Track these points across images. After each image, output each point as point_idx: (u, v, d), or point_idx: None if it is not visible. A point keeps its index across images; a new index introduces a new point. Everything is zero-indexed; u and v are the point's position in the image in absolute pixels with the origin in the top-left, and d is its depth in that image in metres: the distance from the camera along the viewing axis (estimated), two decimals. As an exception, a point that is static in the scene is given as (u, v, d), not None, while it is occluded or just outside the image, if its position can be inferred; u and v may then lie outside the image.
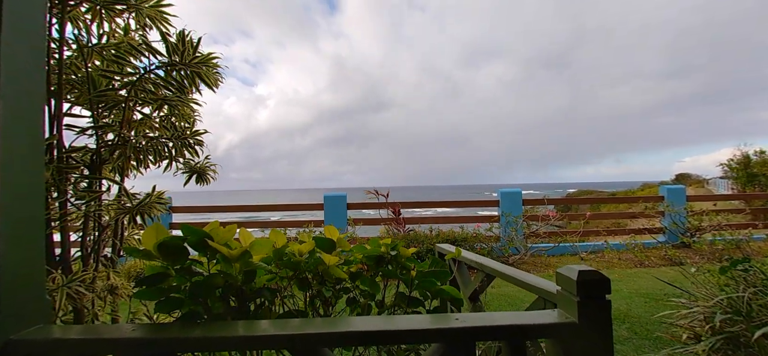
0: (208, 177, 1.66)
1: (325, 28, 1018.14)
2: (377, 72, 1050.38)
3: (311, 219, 6.49)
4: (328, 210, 6.54)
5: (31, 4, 1.02)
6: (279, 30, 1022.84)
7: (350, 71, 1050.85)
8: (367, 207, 7.04)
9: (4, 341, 0.90)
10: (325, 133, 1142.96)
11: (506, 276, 1.58)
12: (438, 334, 0.98)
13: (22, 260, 0.94)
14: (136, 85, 1.40)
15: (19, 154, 0.95)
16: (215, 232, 1.10)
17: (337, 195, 6.66)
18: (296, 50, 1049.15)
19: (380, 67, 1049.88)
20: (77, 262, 1.37)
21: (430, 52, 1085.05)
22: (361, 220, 6.58)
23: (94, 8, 1.48)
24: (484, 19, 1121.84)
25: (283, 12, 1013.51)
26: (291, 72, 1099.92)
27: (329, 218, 6.46)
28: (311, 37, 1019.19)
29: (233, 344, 1.03)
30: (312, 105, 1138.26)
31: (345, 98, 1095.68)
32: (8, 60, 0.93)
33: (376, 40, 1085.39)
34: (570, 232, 6.55)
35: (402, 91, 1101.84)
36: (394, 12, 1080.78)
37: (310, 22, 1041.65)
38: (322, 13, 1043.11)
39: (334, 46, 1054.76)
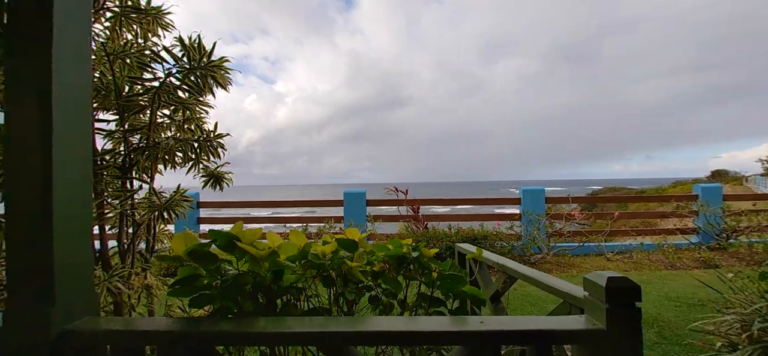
0: (222, 184, 1.73)
1: (341, 25, 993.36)
2: (394, 68, 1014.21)
3: (331, 216, 6.58)
4: (347, 207, 6.61)
5: (77, 19, 1.09)
6: (297, 27, 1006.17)
7: (367, 67, 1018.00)
8: (386, 204, 7.06)
9: (59, 331, 0.98)
10: (342, 130, 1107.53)
11: (529, 278, 1.56)
12: (461, 337, 0.99)
13: (73, 257, 1.02)
14: (160, 90, 1.47)
15: (72, 159, 1.03)
16: (241, 234, 1.15)
17: (357, 191, 6.72)
18: (314, 47, 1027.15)
19: (397, 63, 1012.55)
20: (115, 257, 1.47)
21: (447, 48, 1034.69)
22: (380, 217, 6.61)
23: (116, 17, 1.56)
24: (503, 12, 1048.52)
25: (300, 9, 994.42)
26: (309, 69, 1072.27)
27: (349, 214, 6.53)
28: (328, 34, 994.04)
29: (263, 339, 1.08)
30: (329, 101, 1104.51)
31: (362, 95, 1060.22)
32: (60, 72, 1.00)
33: (393, 36, 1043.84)
34: (595, 232, 6.33)
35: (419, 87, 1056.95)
36: (410, 7, 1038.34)
37: (326, 18, 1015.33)
38: (338, 10, 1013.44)
39: (351, 42, 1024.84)
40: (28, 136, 0.98)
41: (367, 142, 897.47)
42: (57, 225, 0.98)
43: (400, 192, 6.89)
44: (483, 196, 7.57)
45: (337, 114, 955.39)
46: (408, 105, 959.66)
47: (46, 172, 0.97)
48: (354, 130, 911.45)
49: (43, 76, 0.99)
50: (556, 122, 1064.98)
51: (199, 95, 1.53)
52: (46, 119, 0.98)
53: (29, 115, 0.99)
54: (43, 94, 0.98)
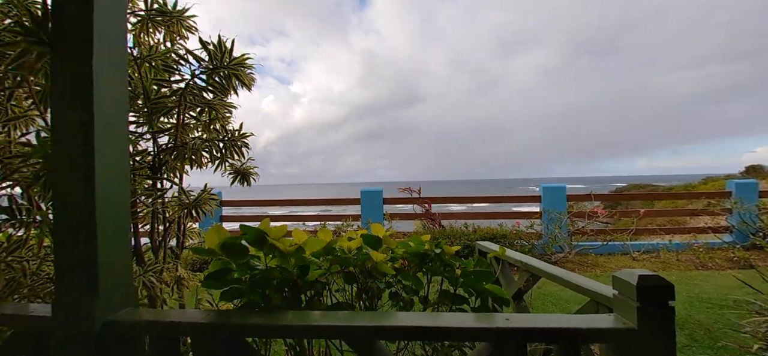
0: (250, 179, 1.79)
1: (355, 24, 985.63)
2: (409, 66, 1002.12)
3: (349, 214, 6.64)
4: (364, 205, 6.66)
5: (114, 27, 1.14)
6: (312, 28, 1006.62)
7: (381, 66, 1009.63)
8: (402, 203, 7.07)
9: (102, 322, 1.04)
10: (357, 129, 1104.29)
11: (553, 276, 1.53)
12: (486, 333, 0.98)
13: (114, 253, 1.08)
14: (185, 91, 1.53)
15: (111, 160, 1.09)
16: (269, 230, 1.19)
17: (374, 190, 6.76)
18: (329, 47, 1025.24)
19: (412, 61, 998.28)
20: (148, 253, 1.55)
21: (463, 44, 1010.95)
22: (397, 215, 6.63)
23: (142, 20, 1.63)
24: (520, 5, 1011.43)
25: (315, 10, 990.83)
26: (324, 69, 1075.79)
27: (366, 213, 6.57)
28: (343, 34, 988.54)
29: (291, 332, 1.12)
30: (344, 101, 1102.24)
31: (376, 93, 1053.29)
32: (99, 77, 1.06)
33: (407, 34, 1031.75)
34: (620, 230, 6.12)
35: (434, 85, 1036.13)
36: (424, 4, 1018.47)
37: (341, 18, 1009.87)
38: (352, 9, 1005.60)
39: (365, 41, 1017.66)
40: (72, 138, 1.04)
41: (382, 141, 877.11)
42: (99, 224, 1.04)
43: (414, 191, 6.89)
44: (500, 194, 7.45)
45: (352, 113, 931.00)
46: (423, 103, 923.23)
47: (88, 173, 1.03)
48: (369, 128, 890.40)
49: (84, 82, 1.05)
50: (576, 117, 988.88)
51: (224, 95, 1.58)
52: (88, 122, 1.04)
53: (73, 118, 1.05)
54: (85, 98, 1.04)
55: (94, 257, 1.03)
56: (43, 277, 1.45)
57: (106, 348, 1.04)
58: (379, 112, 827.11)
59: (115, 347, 1.06)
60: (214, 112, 1.66)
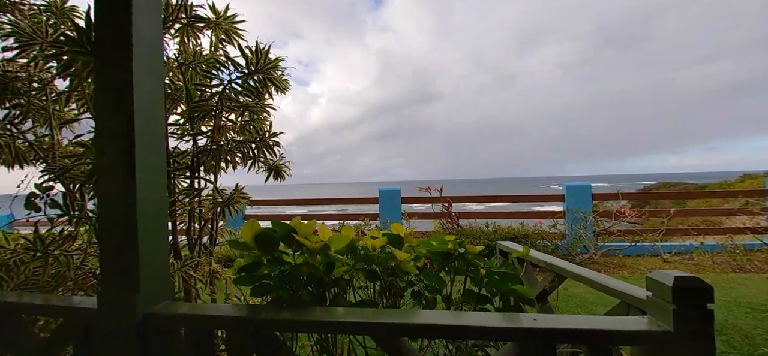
0: (283, 174, 1.85)
1: (370, 24, 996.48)
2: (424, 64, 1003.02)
3: (366, 214, 6.69)
4: (383, 204, 6.69)
5: (152, 35, 1.21)
6: (328, 29, 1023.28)
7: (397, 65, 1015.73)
8: (419, 202, 7.05)
9: (143, 314, 1.11)
10: (373, 128, 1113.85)
11: (581, 277, 1.50)
12: (513, 333, 0.98)
13: (153, 249, 1.14)
14: (223, 94, 1.60)
15: (150, 161, 1.15)
16: (298, 227, 1.22)
17: (392, 189, 6.77)
18: (345, 48, 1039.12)
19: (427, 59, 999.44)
20: (185, 249, 1.63)
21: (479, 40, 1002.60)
22: (415, 214, 6.61)
23: (183, 28, 1.70)
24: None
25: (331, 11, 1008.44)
26: (340, 69, 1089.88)
27: (384, 212, 6.60)
28: (358, 33, 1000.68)
29: (318, 327, 1.15)
30: (361, 100, 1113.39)
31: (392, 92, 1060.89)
32: (139, 83, 1.12)
33: (422, 32, 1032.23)
34: (649, 230, 5.86)
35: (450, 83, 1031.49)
36: (440, 0, 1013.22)
37: (356, 19, 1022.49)
38: (368, 9, 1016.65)
39: (381, 40, 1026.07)
40: (114, 141, 1.11)
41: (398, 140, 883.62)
42: (140, 222, 1.10)
43: (435, 191, 6.85)
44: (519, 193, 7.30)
45: (368, 113, 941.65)
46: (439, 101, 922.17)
47: (130, 174, 1.09)
48: (385, 127, 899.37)
49: (125, 87, 1.11)
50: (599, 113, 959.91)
51: (258, 98, 1.64)
52: (129, 125, 1.10)
53: (115, 121, 1.11)
54: (125, 102, 1.11)
55: (135, 254, 1.09)
56: (85, 271, 1.54)
57: (146, 339, 1.11)
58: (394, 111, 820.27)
59: (154, 338, 1.12)
60: (252, 114, 1.72)
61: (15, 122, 1.41)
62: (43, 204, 1.28)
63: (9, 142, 1.31)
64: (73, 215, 1.31)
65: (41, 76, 1.32)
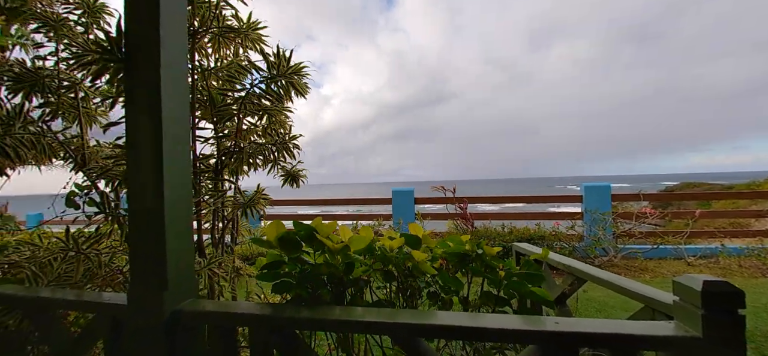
0: (299, 181, 1.89)
1: (382, 24, 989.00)
2: (437, 63, 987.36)
3: (380, 214, 6.71)
4: (396, 205, 6.69)
5: (178, 44, 1.25)
6: (340, 31, 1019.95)
7: (409, 65, 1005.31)
8: (433, 202, 7.02)
9: (171, 311, 1.15)
10: (386, 129, 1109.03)
11: (602, 280, 1.46)
12: (534, 336, 0.97)
13: (180, 248, 1.18)
14: (245, 99, 1.64)
15: (177, 163, 1.19)
16: (319, 227, 1.25)
17: (405, 189, 6.77)
18: (357, 49, 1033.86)
19: (439, 58, 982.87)
20: (209, 248, 1.69)
21: (493, 37, 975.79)
22: (429, 215, 6.59)
23: (214, 38, 1.76)
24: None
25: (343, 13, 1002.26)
26: (353, 71, 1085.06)
27: (398, 212, 6.60)
28: (370, 34, 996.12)
29: (338, 326, 1.16)
30: (373, 101, 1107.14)
31: (405, 93, 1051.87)
32: (166, 89, 1.17)
33: (435, 30, 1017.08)
34: (672, 233, 5.67)
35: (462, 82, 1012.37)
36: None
37: (368, 20, 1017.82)
38: (379, 10, 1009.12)
39: (393, 40, 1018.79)
40: (143, 144, 1.16)
41: (411, 140, 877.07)
42: (168, 222, 1.14)
43: (448, 191, 6.80)
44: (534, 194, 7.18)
45: (381, 113, 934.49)
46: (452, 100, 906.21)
47: (158, 176, 1.14)
48: (398, 128, 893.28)
49: (154, 93, 1.16)
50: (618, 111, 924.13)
51: (279, 102, 1.69)
52: (157, 129, 1.15)
53: (144, 127, 1.16)
54: (154, 107, 1.15)
55: (163, 252, 1.13)
56: (113, 269, 1.61)
57: (173, 334, 1.15)
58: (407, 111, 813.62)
59: (181, 335, 1.16)
60: (271, 117, 1.77)
61: (46, 120, 1.48)
62: (82, 203, 1.35)
63: (40, 139, 1.39)
64: (108, 213, 1.38)
65: (71, 75, 1.39)
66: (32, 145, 1.36)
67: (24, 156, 1.34)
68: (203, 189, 1.67)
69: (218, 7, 1.68)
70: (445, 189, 6.82)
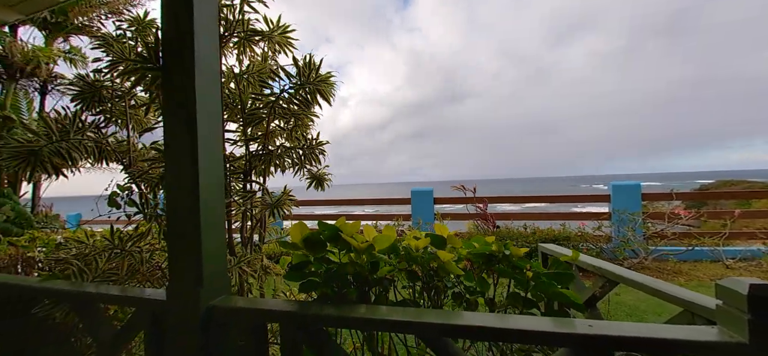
0: (324, 184, 1.93)
1: (398, 24, 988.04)
2: (454, 62, 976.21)
3: (399, 214, 6.71)
4: (415, 205, 6.67)
5: (211, 51, 1.31)
6: (357, 32, 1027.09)
7: (426, 64, 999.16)
8: (452, 202, 6.94)
9: (206, 306, 1.20)
10: (403, 128, 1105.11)
11: (636, 283, 1.41)
12: (566, 339, 0.95)
13: (214, 247, 1.24)
14: (275, 104, 1.70)
15: (211, 164, 1.24)
16: (344, 227, 1.27)
17: (425, 189, 6.74)
18: (374, 49, 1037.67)
19: (457, 57, 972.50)
20: (238, 247, 1.76)
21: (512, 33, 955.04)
22: (448, 215, 6.53)
23: (240, 41, 1.83)
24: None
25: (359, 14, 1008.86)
26: (370, 71, 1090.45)
27: (417, 212, 6.58)
28: (386, 34, 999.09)
29: (364, 324, 1.18)
30: (390, 101, 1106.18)
31: (423, 92, 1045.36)
32: (201, 94, 1.22)
33: (452, 28, 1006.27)
34: (708, 234, 5.36)
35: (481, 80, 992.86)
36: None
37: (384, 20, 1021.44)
38: (395, 9, 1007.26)
39: (409, 40, 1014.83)
40: (180, 146, 1.21)
41: (429, 139, 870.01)
42: (203, 221, 1.19)
43: (468, 190, 6.71)
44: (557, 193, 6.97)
45: (398, 113, 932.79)
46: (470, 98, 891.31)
47: (194, 177, 1.19)
48: (416, 127, 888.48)
49: (189, 98, 1.21)
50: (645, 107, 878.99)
51: (307, 108, 1.73)
52: (193, 133, 1.20)
53: (180, 129, 1.22)
54: (189, 111, 1.21)
55: (199, 250, 1.18)
56: (153, 265, 1.70)
57: (208, 329, 1.20)
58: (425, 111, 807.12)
59: (214, 329, 1.22)
60: (297, 121, 1.82)
61: (101, 126, 1.60)
62: (123, 203, 1.44)
63: (95, 145, 1.49)
64: (147, 213, 1.46)
65: (123, 86, 1.49)
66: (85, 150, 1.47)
67: (78, 159, 1.45)
68: (232, 189, 1.74)
69: (242, 12, 1.74)
70: (464, 189, 6.73)
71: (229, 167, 1.72)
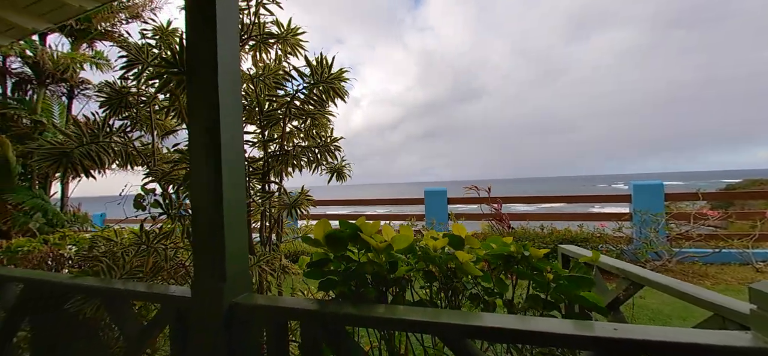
0: (344, 175, 1.96)
1: (410, 24, 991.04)
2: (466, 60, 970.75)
3: (413, 214, 6.69)
4: (428, 205, 6.65)
5: (232, 56, 1.34)
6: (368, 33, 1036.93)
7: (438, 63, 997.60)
8: (465, 202, 6.88)
9: (229, 303, 1.23)
10: (416, 128, 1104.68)
11: (662, 286, 1.37)
12: (590, 342, 0.93)
13: (236, 245, 1.27)
14: (290, 104, 1.73)
15: (233, 165, 1.27)
16: (364, 226, 1.28)
17: (438, 189, 6.70)
18: (385, 49, 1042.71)
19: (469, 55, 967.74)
20: (257, 246, 1.80)
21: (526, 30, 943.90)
22: (462, 215, 6.48)
23: (256, 44, 1.87)
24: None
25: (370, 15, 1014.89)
26: (381, 71, 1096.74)
27: (430, 212, 6.55)
28: (398, 35, 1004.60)
29: (383, 324, 1.19)
30: (402, 101, 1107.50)
31: (434, 91, 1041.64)
32: (223, 97, 1.25)
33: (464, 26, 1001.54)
34: (737, 235, 5.14)
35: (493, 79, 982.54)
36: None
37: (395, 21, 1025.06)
38: (407, 8, 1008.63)
39: (421, 39, 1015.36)
40: (204, 148, 1.25)
41: (441, 139, 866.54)
42: (226, 220, 1.23)
43: (482, 190, 6.64)
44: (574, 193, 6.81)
45: (410, 113, 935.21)
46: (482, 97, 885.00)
47: (217, 177, 1.23)
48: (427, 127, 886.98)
49: (212, 102, 1.24)
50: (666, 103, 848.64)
51: (322, 107, 1.76)
52: (216, 135, 1.23)
53: (204, 132, 1.25)
54: (212, 114, 1.24)
55: (222, 249, 1.22)
56: (176, 263, 1.75)
57: (231, 326, 1.23)
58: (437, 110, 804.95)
59: (236, 326, 1.25)
60: (313, 120, 1.85)
61: (127, 131, 1.67)
62: (147, 204, 1.50)
63: (122, 148, 1.56)
64: (171, 213, 1.51)
65: (147, 91, 1.55)
66: (114, 153, 1.53)
67: (107, 161, 1.52)
68: (251, 190, 1.78)
69: (257, 15, 1.78)
70: (478, 189, 6.66)
71: (247, 168, 1.76)
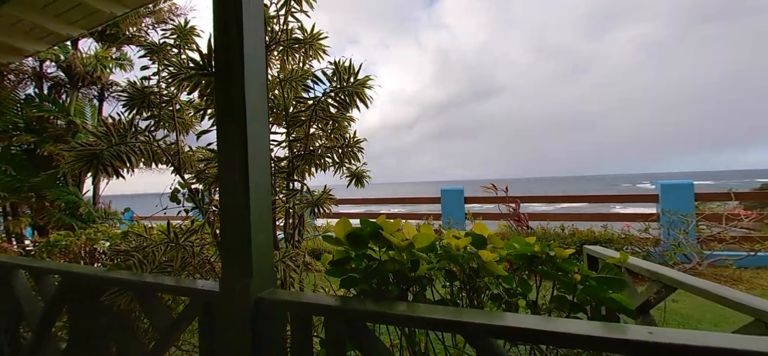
0: (363, 181, 1.97)
1: (425, 22, 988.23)
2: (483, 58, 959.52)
3: (429, 213, 6.66)
4: (445, 204, 6.60)
5: (258, 58, 1.37)
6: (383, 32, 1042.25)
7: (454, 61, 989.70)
8: (482, 202, 6.79)
9: (255, 298, 1.26)
10: (431, 127, 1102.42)
11: (696, 289, 1.31)
12: (622, 346, 0.90)
13: (262, 241, 1.30)
14: (316, 107, 1.76)
15: (259, 164, 1.31)
16: (385, 225, 1.28)
17: (455, 189, 6.64)
18: (400, 48, 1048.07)
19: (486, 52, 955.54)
20: (281, 243, 1.84)
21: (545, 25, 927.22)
22: (479, 215, 6.40)
23: (284, 49, 1.91)
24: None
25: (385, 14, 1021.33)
26: (396, 70, 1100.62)
27: (447, 212, 6.51)
28: (413, 33, 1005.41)
29: (404, 321, 1.19)
30: (417, 100, 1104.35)
31: (450, 90, 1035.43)
32: (250, 98, 1.29)
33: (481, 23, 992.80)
34: (774, 238, 4.86)
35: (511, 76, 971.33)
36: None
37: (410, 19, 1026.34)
38: (422, 6, 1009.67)
39: (436, 37, 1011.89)
40: (233, 148, 1.28)
41: (457, 138, 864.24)
42: (253, 218, 1.26)
43: (500, 190, 6.54)
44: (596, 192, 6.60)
45: (425, 112, 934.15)
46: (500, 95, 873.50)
47: (245, 176, 1.26)
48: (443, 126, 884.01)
49: (240, 102, 1.28)
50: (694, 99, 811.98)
51: (346, 111, 1.79)
52: (243, 135, 1.27)
53: (233, 133, 1.29)
54: (240, 114, 1.27)
55: (249, 245, 1.25)
56: (203, 258, 1.81)
57: (257, 320, 1.26)
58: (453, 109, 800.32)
59: (262, 320, 1.28)
60: (335, 123, 1.88)
61: (151, 130, 1.74)
62: (182, 199, 1.56)
63: (148, 147, 1.63)
64: (203, 208, 1.57)
65: (170, 91, 1.61)
66: (141, 152, 1.60)
67: (135, 161, 1.59)
68: (276, 188, 1.82)
69: (287, 22, 1.82)
70: (496, 188, 6.57)
71: (273, 167, 1.80)
